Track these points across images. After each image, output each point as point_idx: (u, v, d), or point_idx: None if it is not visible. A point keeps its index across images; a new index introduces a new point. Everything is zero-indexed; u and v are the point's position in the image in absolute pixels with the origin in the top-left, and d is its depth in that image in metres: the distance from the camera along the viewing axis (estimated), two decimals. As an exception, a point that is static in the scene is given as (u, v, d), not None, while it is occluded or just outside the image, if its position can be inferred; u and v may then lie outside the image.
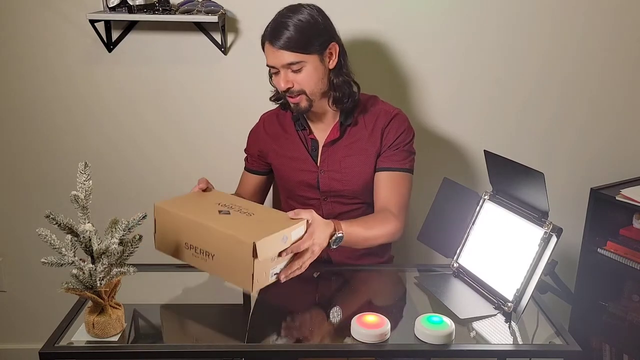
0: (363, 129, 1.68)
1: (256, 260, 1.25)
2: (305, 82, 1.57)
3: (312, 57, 1.55)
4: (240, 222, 1.35)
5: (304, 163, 1.70)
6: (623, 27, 2.01)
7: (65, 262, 1.18)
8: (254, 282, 1.27)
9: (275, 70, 1.58)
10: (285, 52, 1.53)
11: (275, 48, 1.53)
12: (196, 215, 1.38)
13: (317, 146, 1.70)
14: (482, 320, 1.33)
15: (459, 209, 1.52)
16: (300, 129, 1.71)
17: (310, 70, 1.56)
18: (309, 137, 1.71)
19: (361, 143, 1.67)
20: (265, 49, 1.57)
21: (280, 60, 1.54)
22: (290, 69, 1.55)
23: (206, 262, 1.35)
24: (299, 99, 1.59)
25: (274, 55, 1.55)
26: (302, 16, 1.54)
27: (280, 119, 1.76)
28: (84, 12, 1.88)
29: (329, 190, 1.70)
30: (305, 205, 1.73)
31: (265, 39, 1.57)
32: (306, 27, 1.54)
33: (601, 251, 1.97)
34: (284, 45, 1.52)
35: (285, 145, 1.73)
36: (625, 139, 2.14)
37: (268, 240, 1.27)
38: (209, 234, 1.33)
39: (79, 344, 1.22)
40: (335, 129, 1.68)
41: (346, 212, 1.71)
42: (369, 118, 1.68)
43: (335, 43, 1.59)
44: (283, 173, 1.75)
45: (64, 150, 2.11)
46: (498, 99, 2.08)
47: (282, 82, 1.56)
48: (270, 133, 1.76)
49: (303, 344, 1.26)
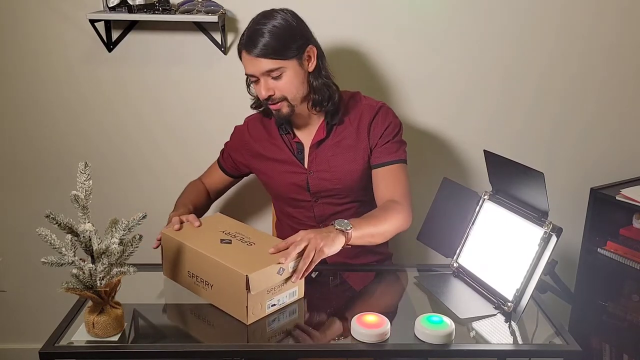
0: (349, 126, 1.67)
1: (249, 293, 1.26)
2: (286, 88, 1.55)
3: (290, 62, 1.53)
4: (238, 253, 1.36)
5: (291, 166, 1.69)
6: (624, 27, 2.01)
7: (65, 262, 1.18)
8: (249, 314, 1.28)
9: (254, 79, 1.57)
10: (263, 60, 1.51)
11: (252, 56, 1.51)
12: (197, 244, 1.39)
13: (302, 149, 1.70)
14: (482, 320, 1.33)
15: (458, 209, 1.52)
16: (284, 132, 1.70)
17: (291, 76, 1.55)
18: (294, 141, 1.70)
19: (348, 140, 1.67)
20: (243, 58, 1.55)
21: (259, 68, 1.52)
22: (270, 76, 1.54)
23: (206, 291, 1.37)
24: (280, 106, 1.58)
25: (252, 64, 1.53)
26: (276, 22, 1.52)
27: (264, 123, 1.75)
28: (84, 12, 1.88)
29: (319, 190, 1.69)
30: (297, 208, 1.74)
31: (242, 48, 1.55)
32: (282, 32, 1.52)
33: (601, 251, 1.97)
34: (261, 53, 1.50)
35: (270, 149, 1.72)
36: (625, 139, 2.14)
37: (262, 273, 1.27)
38: (208, 264, 1.34)
39: (79, 344, 1.22)
40: (321, 129, 1.67)
41: (338, 212, 1.71)
42: (354, 115, 1.68)
43: (312, 46, 1.58)
44: (272, 177, 1.74)
45: (64, 150, 2.11)
46: (498, 99, 2.08)
47: (263, 90, 1.55)
48: (255, 137, 1.75)
49: (303, 344, 1.26)
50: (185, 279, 1.42)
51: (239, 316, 1.30)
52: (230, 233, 1.45)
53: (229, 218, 1.56)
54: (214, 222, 1.53)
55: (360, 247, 1.65)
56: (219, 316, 1.34)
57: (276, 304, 1.34)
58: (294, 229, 1.66)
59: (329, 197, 1.70)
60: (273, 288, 1.32)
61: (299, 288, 1.39)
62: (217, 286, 1.34)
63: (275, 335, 1.29)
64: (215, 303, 1.36)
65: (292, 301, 1.38)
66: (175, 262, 1.44)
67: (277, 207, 1.83)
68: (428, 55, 2.02)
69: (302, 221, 1.74)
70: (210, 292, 1.36)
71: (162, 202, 2.15)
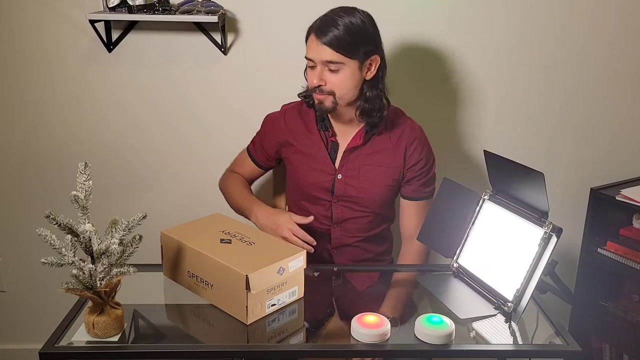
0: (387, 141, 1.67)
1: (249, 292, 1.26)
2: (338, 85, 1.56)
3: (352, 62, 1.54)
4: (238, 253, 1.36)
5: (322, 164, 1.68)
6: (624, 27, 2.01)
7: (65, 262, 1.18)
8: (249, 314, 1.28)
9: (312, 64, 1.57)
10: (328, 49, 1.51)
11: (319, 42, 1.52)
12: (197, 243, 1.39)
13: (337, 149, 1.69)
14: (482, 320, 1.33)
15: (459, 209, 1.52)
16: (323, 129, 1.70)
17: (347, 75, 1.55)
18: (330, 139, 1.69)
19: (383, 155, 1.67)
20: (309, 41, 1.56)
21: (321, 55, 1.53)
22: (328, 67, 1.54)
23: (206, 291, 1.37)
24: (324, 98, 1.58)
25: (316, 50, 1.53)
26: (354, 19, 1.53)
27: (303, 115, 1.73)
28: (84, 12, 1.88)
29: (342, 194, 1.69)
30: (315, 205, 1.73)
31: (311, 31, 1.55)
32: (355, 31, 1.52)
33: (601, 251, 1.97)
34: (329, 42, 1.51)
35: (304, 142, 1.71)
36: (625, 139, 2.14)
37: (262, 273, 1.27)
38: (208, 264, 1.34)
39: (79, 344, 1.22)
40: (359, 135, 1.66)
41: (354, 217, 1.71)
42: (395, 132, 1.68)
43: (378, 56, 1.58)
44: (298, 170, 1.72)
45: (64, 150, 2.11)
46: (498, 100, 2.08)
47: (316, 78, 1.55)
48: (290, 126, 1.73)
49: (303, 344, 1.27)
50: (185, 279, 1.42)
51: (239, 316, 1.30)
52: (230, 233, 1.45)
53: (229, 218, 1.56)
54: (213, 222, 1.53)
55: (365, 256, 1.67)
56: (219, 316, 1.34)
57: (276, 303, 1.34)
58: (306, 226, 1.67)
59: (349, 202, 1.70)
60: (273, 288, 1.32)
61: (298, 288, 1.39)
62: (217, 286, 1.34)
63: (275, 335, 1.29)
64: (215, 303, 1.36)
65: (292, 301, 1.38)
66: (175, 262, 1.44)
67: (292, 201, 1.81)
68: (428, 55, 2.02)
69: (316, 218, 1.71)
70: (210, 292, 1.36)
71: (162, 202, 2.15)
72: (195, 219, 1.57)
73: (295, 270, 1.35)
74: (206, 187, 2.08)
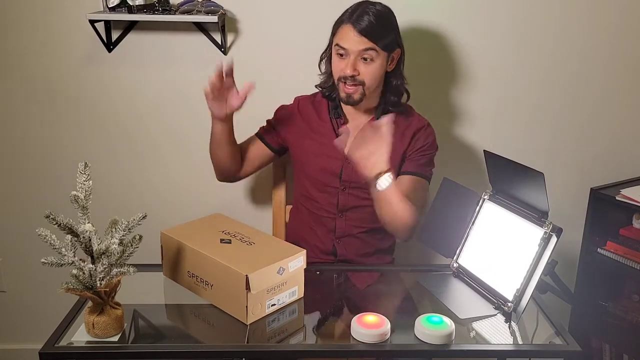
0: (396, 129, 1.66)
1: (249, 292, 1.26)
2: (369, 75, 1.58)
3: (383, 52, 1.58)
4: (238, 253, 1.36)
5: (331, 149, 1.68)
6: (624, 28, 2.01)
7: (65, 262, 1.18)
8: (249, 314, 1.28)
9: (342, 53, 1.58)
10: (365, 38, 1.54)
11: (356, 31, 1.54)
12: (197, 243, 1.39)
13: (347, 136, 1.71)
14: (482, 320, 1.33)
15: (459, 209, 1.52)
16: (335, 117, 1.72)
17: (378, 65, 1.58)
18: (342, 126, 1.70)
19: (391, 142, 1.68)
20: (343, 31, 1.57)
21: (358, 45, 1.54)
22: (362, 57, 1.56)
23: (206, 291, 1.37)
24: (355, 90, 1.60)
25: (352, 39, 1.55)
26: (381, 8, 1.58)
27: (315, 105, 1.76)
28: (83, 12, 1.88)
29: (350, 180, 1.70)
30: (322, 193, 1.74)
31: (346, 21, 1.57)
32: (386, 20, 1.57)
33: (601, 251, 1.97)
34: (365, 31, 1.53)
35: (316, 129, 1.74)
36: (625, 139, 2.13)
37: (262, 273, 1.28)
38: (208, 264, 1.35)
39: (79, 344, 1.22)
40: (369, 124, 1.67)
41: (360, 206, 1.72)
42: (403, 120, 1.70)
43: (399, 49, 1.63)
44: (308, 155, 1.74)
45: (64, 150, 2.11)
46: (498, 99, 2.08)
47: (350, 67, 1.56)
48: (304, 114, 1.77)
49: (303, 344, 1.27)
50: (185, 279, 1.42)
51: (239, 316, 1.30)
52: (230, 233, 1.45)
53: (229, 218, 1.56)
54: (213, 222, 1.53)
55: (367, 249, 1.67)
56: (219, 316, 1.34)
57: (276, 303, 1.34)
58: (312, 214, 1.68)
59: (356, 189, 1.71)
60: (273, 288, 1.32)
61: (298, 288, 1.39)
62: (217, 286, 1.34)
63: (275, 335, 1.29)
64: (215, 303, 1.36)
65: (292, 301, 1.38)
66: (175, 262, 1.44)
67: (299, 190, 1.82)
68: (427, 55, 2.02)
69: (323, 207, 1.73)
70: (210, 292, 1.36)
71: (161, 202, 2.15)
72: (195, 219, 1.58)
73: (295, 270, 1.36)
74: (206, 187, 2.08)
